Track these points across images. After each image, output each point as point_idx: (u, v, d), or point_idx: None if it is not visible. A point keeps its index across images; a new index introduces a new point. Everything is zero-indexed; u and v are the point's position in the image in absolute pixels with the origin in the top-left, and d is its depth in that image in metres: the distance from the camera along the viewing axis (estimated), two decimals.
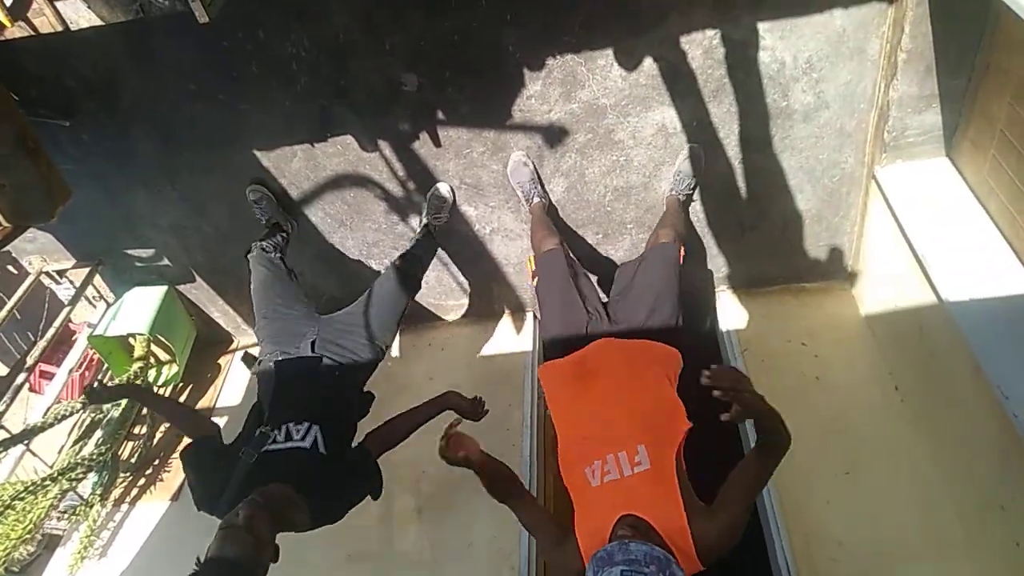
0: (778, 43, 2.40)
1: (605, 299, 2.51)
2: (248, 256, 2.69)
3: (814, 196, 2.90)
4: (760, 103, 2.58)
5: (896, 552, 2.38)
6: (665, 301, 2.25)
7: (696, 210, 2.99)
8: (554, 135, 2.75)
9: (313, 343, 2.34)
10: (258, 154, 2.93)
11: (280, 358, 2.31)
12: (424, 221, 3.01)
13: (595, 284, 2.60)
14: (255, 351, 2.70)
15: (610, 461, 1.70)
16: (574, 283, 2.38)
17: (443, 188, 2.98)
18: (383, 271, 2.74)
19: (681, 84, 2.55)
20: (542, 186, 2.93)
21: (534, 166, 2.87)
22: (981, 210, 2.45)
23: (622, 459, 1.69)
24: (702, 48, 2.43)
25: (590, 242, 3.17)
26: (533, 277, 2.51)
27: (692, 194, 2.85)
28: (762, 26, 2.37)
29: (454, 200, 3.04)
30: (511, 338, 3.58)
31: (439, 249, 3.15)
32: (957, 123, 2.48)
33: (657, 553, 1.39)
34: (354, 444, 2.19)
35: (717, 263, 3.24)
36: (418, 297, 3.58)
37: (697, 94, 2.57)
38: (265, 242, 2.76)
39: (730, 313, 3.32)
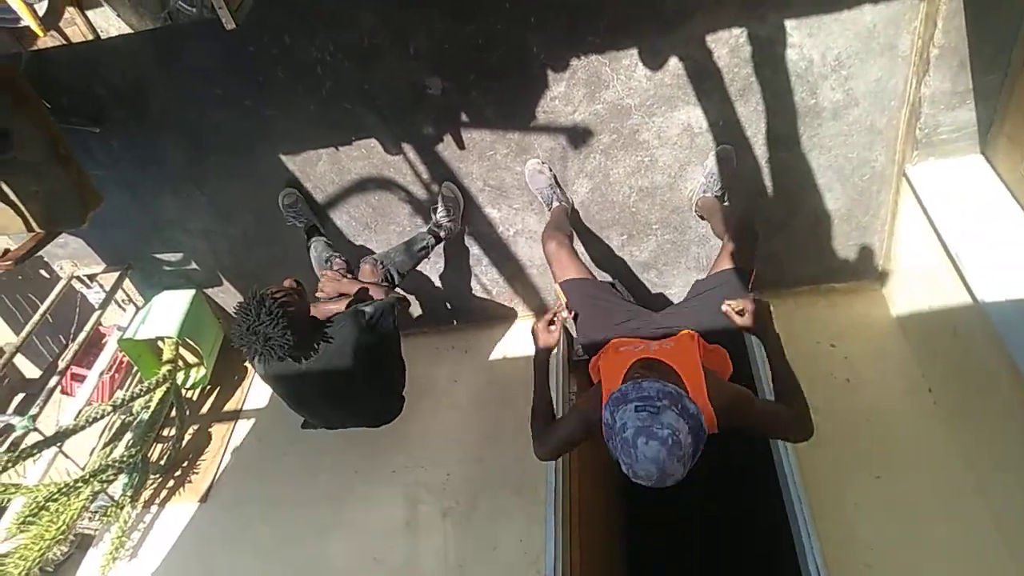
0: (806, 40, 2.37)
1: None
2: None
3: (843, 195, 2.85)
4: (788, 101, 2.55)
5: (929, 558, 2.33)
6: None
7: None
8: (578, 136, 2.73)
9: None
10: (284, 158, 2.96)
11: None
12: (434, 221, 3.03)
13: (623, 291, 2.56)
14: None
15: (641, 345, 1.93)
16: (606, 294, 2.35)
17: (451, 188, 2.99)
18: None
19: (707, 83, 2.52)
20: (561, 190, 2.91)
21: (551, 171, 2.86)
22: (1017, 207, 2.38)
23: (651, 346, 1.92)
24: (728, 47, 2.40)
25: (615, 243, 3.15)
26: (568, 308, 2.33)
27: (723, 195, 2.81)
28: (789, 23, 2.33)
29: (464, 206, 3.05)
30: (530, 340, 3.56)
31: (466, 253, 3.15)
32: (992, 119, 2.42)
33: (669, 389, 1.52)
34: None
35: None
36: (441, 298, 3.60)
37: (723, 93, 2.54)
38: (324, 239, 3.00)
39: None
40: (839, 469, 2.62)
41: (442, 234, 3.01)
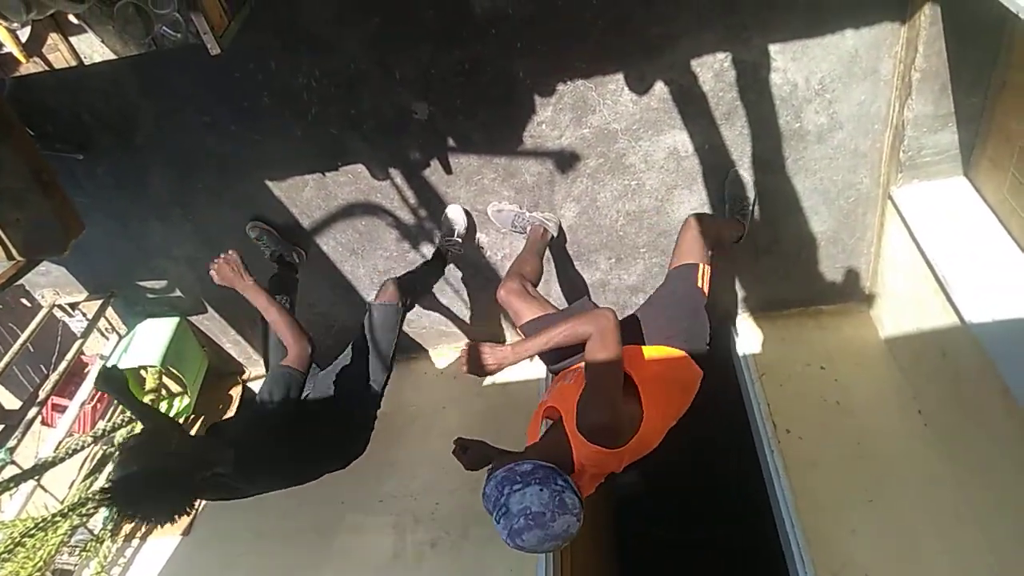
0: (790, 64, 2.39)
1: None
2: None
3: (829, 217, 2.87)
4: (773, 125, 2.57)
5: None
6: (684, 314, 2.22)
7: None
8: (565, 161, 2.74)
9: (305, 396, 2.36)
10: (270, 184, 2.94)
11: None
12: (437, 244, 3.01)
13: None
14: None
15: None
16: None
17: (451, 211, 2.93)
18: (373, 309, 2.59)
19: (692, 107, 2.53)
20: (530, 212, 2.88)
21: (508, 203, 2.87)
22: (1002, 229, 2.40)
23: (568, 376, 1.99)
24: (713, 71, 2.42)
25: (603, 267, 3.15)
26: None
27: (748, 211, 2.80)
28: (773, 48, 2.36)
29: (470, 224, 2.99)
30: (524, 365, 3.49)
31: (443, 276, 3.10)
32: (974, 142, 2.45)
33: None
34: None
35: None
36: (430, 324, 3.57)
37: (709, 117, 2.56)
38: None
39: (746, 337, 3.27)
40: (832, 493, 2.60)
41: (446, 255, 2.99)
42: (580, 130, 2.63)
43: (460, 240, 2.94)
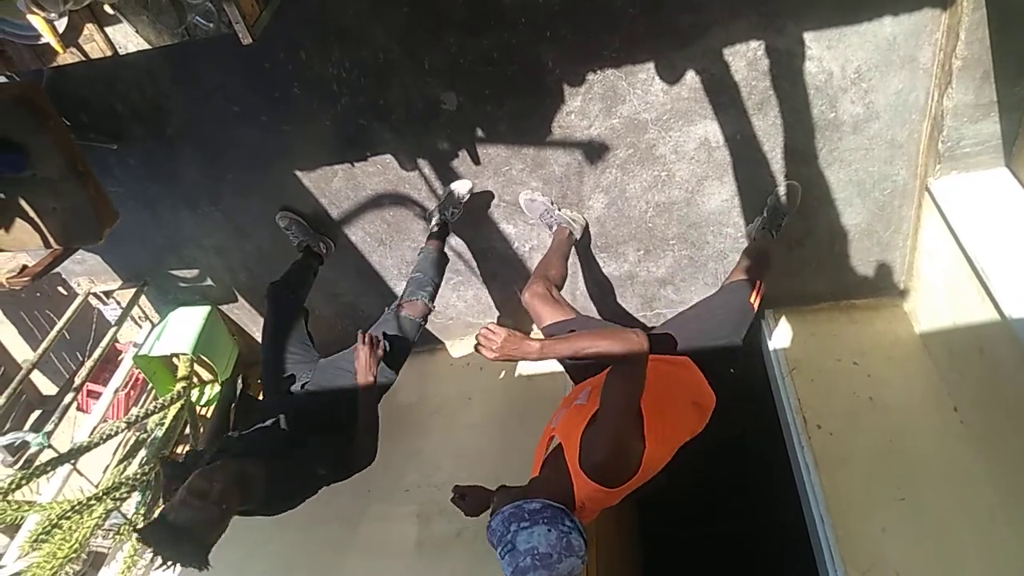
0: (825, 53, 2.34)
1: None
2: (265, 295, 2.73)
3: (864, 210, 2.80)
4: (807, 115, 2.51)
5: None
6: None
7: (740, 225, 2.92)
8: (594, 151, 2.71)
9: (304, 385, 2.34)
10: (299, 174, 2.96)
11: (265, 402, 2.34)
12: (435, 220, 2.87)
13: None
14: None
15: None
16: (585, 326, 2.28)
17: (459, 185, 2.84)
18: (387, 312, 2.60)
19: (724, 97, 2.49)
20: (561, 210, 2.88)
21: (543, 196, 2.86)
22: None
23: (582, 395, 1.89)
24: (746, 59, 2.38)
25: (631, 259, 3.12)
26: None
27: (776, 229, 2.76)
28: (808, 36, 2.30)
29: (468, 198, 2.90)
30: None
31: (481, 269, 3.07)
32: (1017, 131, 2.38)
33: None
34: None
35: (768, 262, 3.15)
36: (456, 315, 3.57)
37: (741, 107, 2.51)
38: (280, 280, 2.78)
39: (777, 332, 3.22)
40: (863, 490, 2.56)
41: (436, 230, 2.88)
42: (610, 120, 2.61)
43: (458, 211, 2.88)
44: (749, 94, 2.48)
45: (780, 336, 3.20)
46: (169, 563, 1.69)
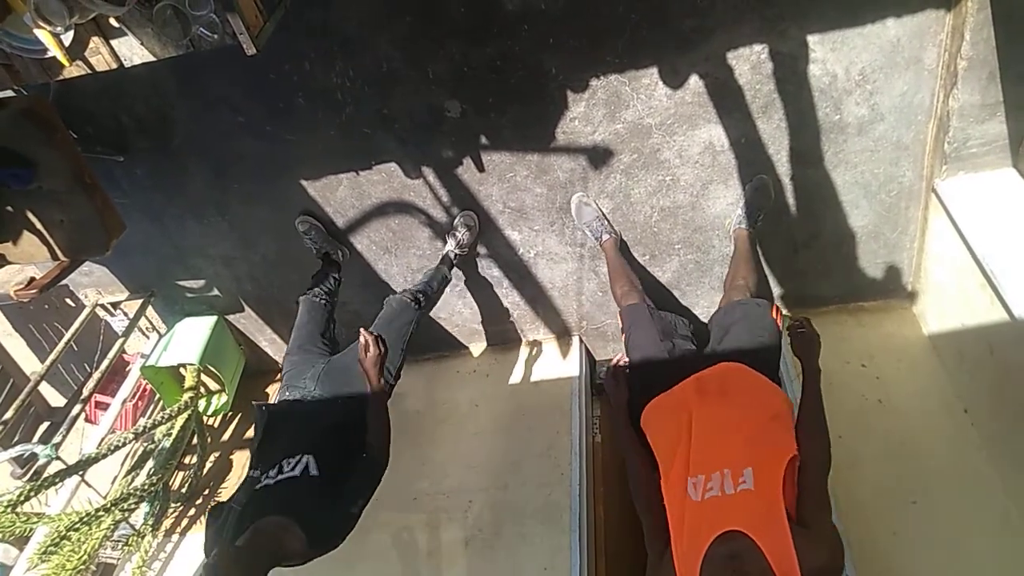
0: (829, 55, 2.34)
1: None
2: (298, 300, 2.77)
3: (870, 212, 2.80)
4: (811, 117, 2.51)
5: None
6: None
7: None
8: (598, 156, 2.71)
9: (317, 380, 2.32)
10: (304, 184, 2.97)
11: (276, 401, 2.30)
12: (450, 249, 3.01)
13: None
14: None
15: (715, 478, 1.56)
16: (664, 334, 2.24)
17: (472, 215, 2.99)
18: (390, 298, 2.68)
19: (728, 101, 2.49)
20: (609, 221, 2.90)
21: (596, 203, 2.86)
22: None
23: (727, 476, 1.55)
24: (750, 63, 2.38)
25: (638, 263, 3.11)
26: (622, 332, 2.40)
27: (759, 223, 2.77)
28: (812, 39, 2.31)
29: (479, 227, 3.03)
30: (557, 363, 3.52)
31: (486, 276, 3.10)
32: None
33: None
34: None
35: (769, 283, 3.14)
36: (463, 322, 3.57)
37: (745, 110, 2.51)
38: (314, 289, 2.80)
39: (784, 335, 3.20)
40: (873, 494, 2.54)
41: (455, 261, 3.02)
42: (613, 125, 2.61)
43: (471, 246, 3.04)
44: (753, 98, 2.48)
45: (787, 339, 3.17)
46: None
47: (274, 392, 3.95)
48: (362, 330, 2.18)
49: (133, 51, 1.70)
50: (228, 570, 1.53)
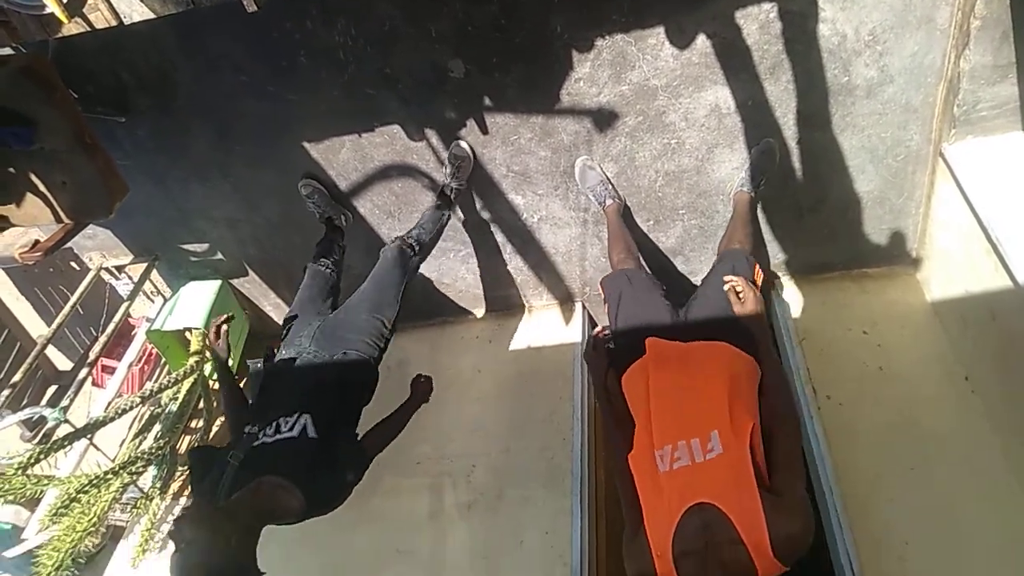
0: (839, 14, 2.29)
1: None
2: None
3: (877, 176, 2.77)
4: (819, 79, 2.47)
5: (966, 552, 2.26)
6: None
7: None
8: (603, 119, 2.68)
9: (312, 338, 2.31)
10: (307, 146, 2.95)
11: (274, 359, 2.30)
12: (445, 183, 2.90)
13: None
14: None
15: (681, 447, 1.56)
16: (649, 291, 2.23)
17: (463, 144, 2.86)
18: (385, 248, 2.64)
19: (735, 61, 2.45)
20: (613, 186, 2.88)
21: (600, 167, 2.83)
22: None
23: (695, 446, 1.55)
24: (758, 23, 2.34)
25: (641, 229, 3.09)
26: (604, 301, 2.33)
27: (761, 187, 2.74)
28: None
29: (474, 158, 2.91)
30: (560, 329, 3.53)
31: (489, 241, 3.08)
32: None
33: None
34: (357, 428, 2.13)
35: (772, 248, 3.13)
36: (466, 288, 3.57)
37: (752, 71, 2.47)
38: (321, 259, 2.76)
39: (786, 301, 3.20)
40: (872, 461, 2.55)
41: (452, 197, 2.92)
42: (619, 87, 2.58)
43: (466, 180, 2.94)
44: (761, 58, 2.44)
45: (789, 305, 3.18)
46: None
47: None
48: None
49: (132, 7, 1.67)
50: (226, 524, 1.53)
